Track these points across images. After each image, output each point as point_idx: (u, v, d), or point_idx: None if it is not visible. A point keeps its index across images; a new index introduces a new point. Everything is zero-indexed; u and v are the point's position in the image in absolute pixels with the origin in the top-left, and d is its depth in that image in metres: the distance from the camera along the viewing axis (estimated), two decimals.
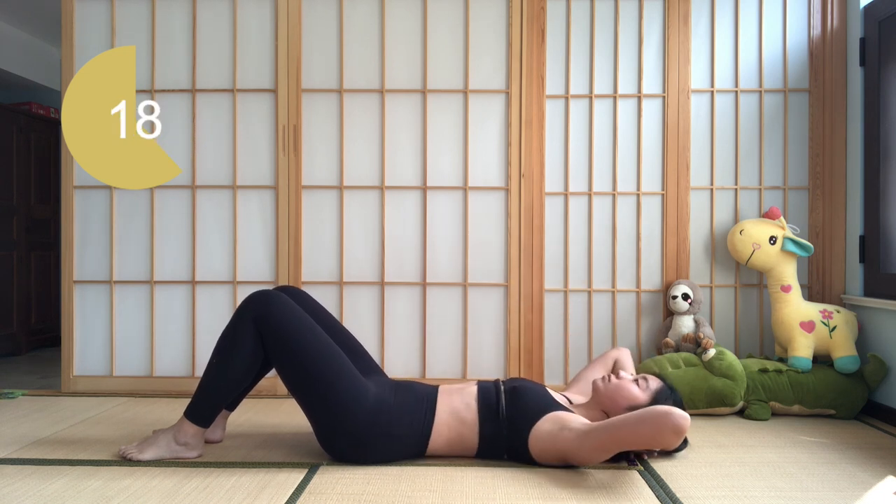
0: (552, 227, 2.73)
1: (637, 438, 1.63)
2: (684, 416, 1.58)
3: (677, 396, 1.88)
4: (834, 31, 2.67)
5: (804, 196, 2.71)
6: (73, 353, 2.73)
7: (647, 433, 1.61)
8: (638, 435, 1.62)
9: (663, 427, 1.59)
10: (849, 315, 2.46)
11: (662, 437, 1.60)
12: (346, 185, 2.73)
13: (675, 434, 1.59)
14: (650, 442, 1.63)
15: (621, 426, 1.64)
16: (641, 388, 1.84)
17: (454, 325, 2.72)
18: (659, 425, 1.59)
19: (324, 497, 1.57)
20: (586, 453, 1.68)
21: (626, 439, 1.64)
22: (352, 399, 1.74)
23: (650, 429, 1.60)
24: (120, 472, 1.74)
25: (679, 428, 1.58)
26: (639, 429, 1.61)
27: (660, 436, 1.60)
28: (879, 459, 1.90)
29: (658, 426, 1.59)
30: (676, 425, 1.57)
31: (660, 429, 1.59)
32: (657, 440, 1.62)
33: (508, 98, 2.71)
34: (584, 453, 1.68)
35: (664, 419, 1.59)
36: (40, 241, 4.03)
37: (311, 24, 2.73)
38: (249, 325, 1.77)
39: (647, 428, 1.61)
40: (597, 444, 1.66)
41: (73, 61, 2.72)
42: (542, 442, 1.73)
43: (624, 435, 1.63)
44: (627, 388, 1.83)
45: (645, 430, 1.61)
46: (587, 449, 1.67)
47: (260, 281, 2.72)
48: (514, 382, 1.89)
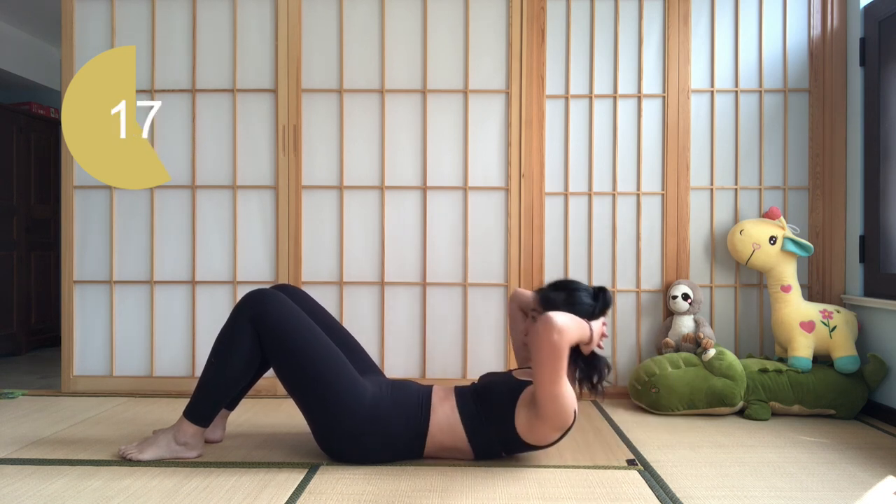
0: (552, 227, 2.73)
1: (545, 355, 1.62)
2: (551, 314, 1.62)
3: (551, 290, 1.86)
4: (834, 31, 2.67)
5: (804, 196, 2.71)
6: (73, 353, 2.73)
7: (544, 346, 1.61)
8: (542, 352, 1.62)
9: (543, 333, 1.61)
10: (849, 315, 2.46)
11: (550, 338, 1.60)
12: (346, 185, 2.73)
13: (553, 331, 1.60)
14: (550, 345, 1.61)
15: (535, 360, 1.64)
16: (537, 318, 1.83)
17: (454, 325, 2.72)
18: (542, 334, 1.61)
19: (324, 497, 1.57)
20: (548, 402, 1.66)
21: (543, 363, 1.63)
22: (350, 398, 1.74)
23: (542, 342, 1.61)
24: (120, 472, 1.74)
25: (549, 322, 1.60)
26: (539, 349, 1.62)
27: (548, 338, 1.60)
28: (879, 459, 1.90)
29: (542, 336, 1.61)
30: (548, 324, 1.60)
31: (544, 335, 1.61)
32: (550, 340, 1.61)
33: (508, 98, 2.71)
34: (547, 404, 1.66)
35: (541, 327, 1.61)
36: (40, 241, 4.03)
37: (311, 24, 2.73)
38: (247, 324, 1.77)
39: (541, 343, 1.61)
40: (541, 388, 1.64)
41: (73, 61, 2.72)
42: (528, 426, 1.72)
43: (540, 362, 1.63)
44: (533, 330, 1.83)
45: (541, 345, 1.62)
46: (544, 399, 1.65)
47: (260, 281, 2.72)
48: (482, 381, 1.90)
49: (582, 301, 1.79)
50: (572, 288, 1.83)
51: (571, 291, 1.81)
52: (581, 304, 1.79)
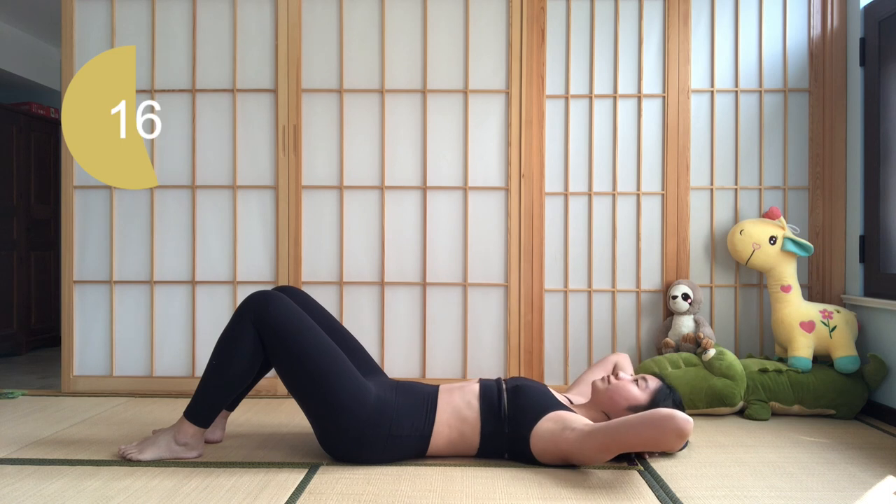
0: (552, 227, 2.73)
1: (639, 440, 1.63)
2: (687, 420, 1.58)
3: (676, 396, 1.88)
4: (834, 31, 2.67)
5: (804, 196, 2.71)
6: (73, 353, 2.73)
7: (650, 435, 1.61)
8: (640, 437, 1.62)
9: (666, 430, 1.59)
10: (849, 315, 2.46)
11: (665, 439, 1.60)
12: (346, 185, 2.73)
13: (677, 437, 1.59)
14: (652, 444, 1.64)
15: (624, 428, 1.64)
16: (641, 388, 1.84)
17: (454, 325, 2.72)
18: (662, 428, 1.59)
19: (324, 497, 1.57)
20: (588, 453, 1.68)
21: (628, 441, 1.64)
22: (352, 400, 1.74)
23: (653, 431, 1.60)
24: (120, 472, 1.73)
25: (682, 431, 1.58)
26: (641, 431, 1.62)
27: (662, 438, 1.60)
28: (879, 459, 1.90)
29: (661, 429, 1.59)
30: (679, 429, 1.58)
31: (662, 432, 1.59)
32: (659, 442, 1.62)
33: (508, 98, 2.71)
34: (585, 453, 1.68)
35: (667, 422, 1.59)
36: (40, 241, 4.03)
37: (311, 24, 2.73)
38: (249, 326, 1.77)
39: (650, 430, 1.61)
40: (599, 444, 1.65)
41: (73, 61, 2.72)
42: (544, 441, 1.73)
43: (626, 436, 1.63)
44: (626, 388, 1.84)
45: (647, 432, 1.61)
46: (589, 449, 1.67)
47: (260, 281, 2.72)
48: (516, 381, 1.89)
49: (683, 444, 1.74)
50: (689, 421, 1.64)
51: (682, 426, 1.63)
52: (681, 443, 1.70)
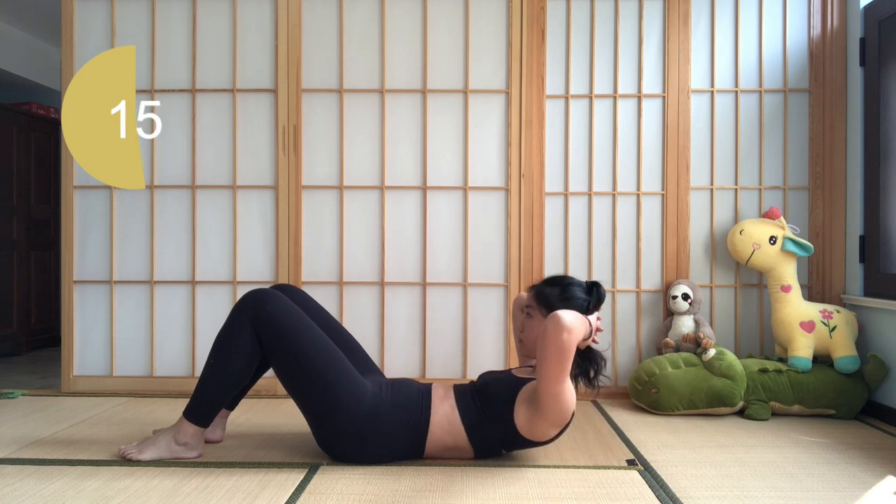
0: (552, 228, 2.73)
1: (553, 354, 1.61)
2: (560, 313, 1.61)
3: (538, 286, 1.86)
4: (834, 31, 2.67)
5: (804, 196, 2.71)
6: (73, 353, 2.73)
7: (552, 345, 1.60)
8: (549, 351, 1.61)
9: (552, 332, 1.60)
10: (849, 315, 2.46)
11: (559, 337, 1.59)
12: (346, 185, 2.73)
13: (558, 327, 1.59)
14: (558, 345, 1.60)
15: (540, 358, 1.64)
16: (533, 314, 1.85)
17: (454, 325, 2.72)
18: (550, 333, 1.60)
19: (324, 497, 1.57)
20: (550, 400, 1.65)
21: (550, 361, 1.62)
22: (350, 398, 1.74)
23: (550, 341, 1.60)
24: (120, 472, 1.74)
25: (559, 321, 1.59)
26: (546, 348, 1.61)
27: (557, 337, 1.59)
28: (879, 459, 1.90)
29: (551, 335, 1.60)
30: (558, 323, 1.59)
31: (553, 334, 1.60)
32: (555, 341, 1.60)
33: (508, 98, 2.71)
34: (549, 402, 1.66)
35: (550, 326, 1.60)
36: (40, 241, 4.03)
37: (311, 24, 2.73)
38: (246, 324, 1.77)
39: (549, 342, 1.60)
40: (545, 386, 1.64)
41: (73, 61, 2.72)
42: (529, 423, 1.72)
43: (547, 360, 1.62)
44: (530, 328, 1.85)
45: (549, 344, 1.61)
46: (546, 397, 1.65)
47: (260, 281, 2.72)
48: (481, 379, 1.90)
49: (576, 296, 1.80)
50: (566, 283, 1.83)
51: (565, 286, 1.82)
52: (575, 298, 1.79)
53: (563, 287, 1.82)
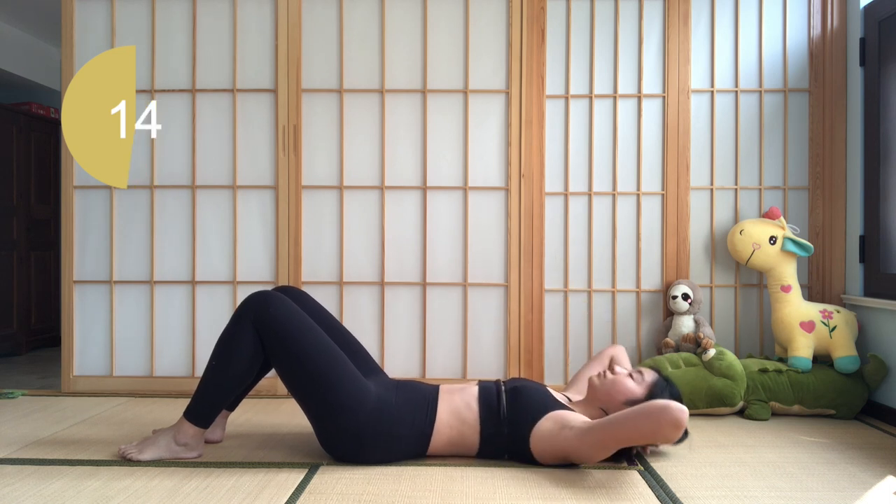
0: (552, 227, 2.73)
1: (636, 434, 1.63)
2: (682, 409, 1.58)
3: (674, 389, 1.88)
4: (834, 31, 2.67)
5: (804, 196, 2.71)
6: (73, 353, 2.73)
7: (646, 428, 1.61)
8: (637, 430, 1.62)
9: (662, 421, 1.58)
10: (849, 315, 2.46)
11: (661, 431, 1.60)
12: (346, 185, 2.73)
13: (674, 427, 1.58)
14: (649, 436, 1.63)
15: (620, 422, 1.64)
16: (637, 381, 1.84)
17: (454, 325, 2.72)
18: (657, 419, 1.59)
19: (324, 497, 1.57)
20: (587, 451, 1.68)
21: (625, 435, 1.64)
22: (353, 400, 1.74)
23: (649, 423, 1.60)
24: (120, 472, 1.73)
25: (677, 421, 1.57)
26: (638, 424, 1.61)
27: (659, 430, 1.60)
28: (879, 459, 1.90)
29: (657, 420, 1.59)
30: (675, 419, 1.57)
31: (658, 423, 1.59)
32: (656, 434, 1.62)
33: (508, 98, 2.71)
34: (584, 451, 1.68)
35: (662, 413, 1.58)
36: (40, 241, 4.03)
37: (311, 24, 2.73)
38: (248, 326, 1.77)
39: (646, 422, 1.60)
40: (597, 441, 1.65)
41: (73, 61, 2.72)
42: (543, 441, 1.73)
43: (623, 430, 1.63)
44: (623, 383, 1.83)
45: (644, 424, 1.61)
46: (587, 446, 1.67)
47: (260, 281, 2.72)
48: (514, 382, 1.89)
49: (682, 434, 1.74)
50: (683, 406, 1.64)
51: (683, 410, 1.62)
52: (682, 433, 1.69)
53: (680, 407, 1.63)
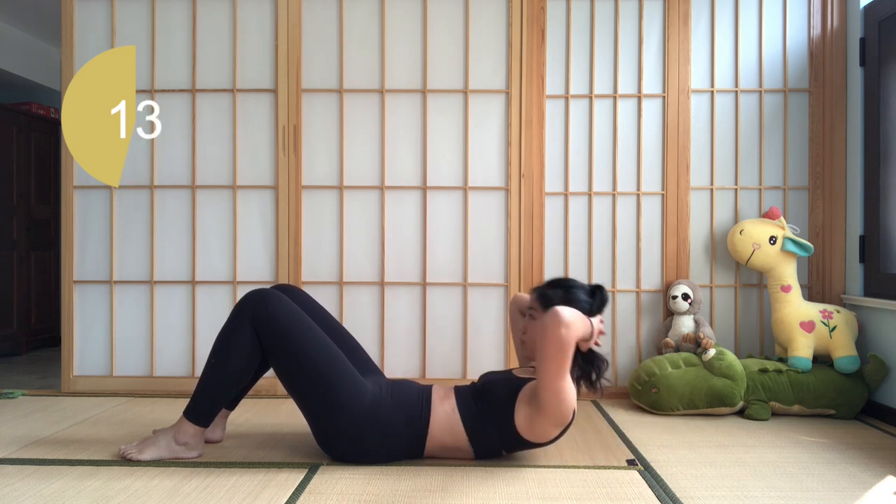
0: (552, 227, 2.73)
1: (551, 349, 1.62)
2: (559, 309, 1.62)
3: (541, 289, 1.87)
4: (834, 31, 2.67)
5: (804, 196, 2.71)
6: (73, 353, 2.73)
7: (551, 340, 1.61)
8: (549, 347, 1.62)
9: (547, 325, 1.61)
10: (849, 315, 2.46)
11: (555, 330, 1.60)
12: (346, 185, 2.73)
13: (561, 325, 1.60)
14: (555, 343, 1.61)
15: (540, 355, 1.64)
16: (536, 315, 1.85)
17: (454, 325, 2.72)
18: (549, 329, 1.61)
19: (324, 497, 1.57)
20: (550, 397, 1.66)
21: (550, 357, 1.62)
22: (350, 398, 1.74)
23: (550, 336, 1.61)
24: (120, 472, 1.74)
25: (557, 316, 1.60)
26: (546, 344, 1.62)
27: (555, 332, 1.60)
28: (879, 459, 1.90)
29: (550, 330, 1.61)
30: (556, 318, 1.60)
31: (552, 330, 1.61)
32: (555, 334, 1.61)
33: (508, 98, 2.71)
34: (549, 399, 1.66)
35: (549, 321, 1.61)
36: (40, 241, 4.03)
37: (311, 24, 2.73)
38: (247, 324, 1.77)
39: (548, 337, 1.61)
40: (545, 383, 1.64)
41: (73, 61, 2.72)
42: (530, 423, 1.72)
43: (546, 356, 1.63)
44: (533, 329, 1.85)
45: (548, 340, 1.61)
46: (547, 394, 1.65)
47: (260, 281, 2.72)
48: (482, 380, 1.90)
49: (579, 298, 1.79)
50: (569, 286, 1.83)
51: (568, 289, 1.82)
52: (578, 301, 1.79)
53: (565, 289, 1.82)
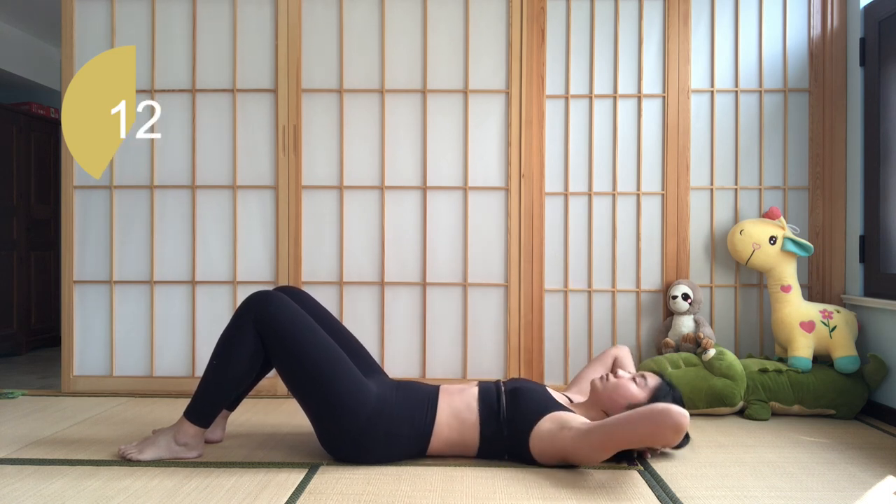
0: (552, 227, 2.73)
1: (636, 437, 1.63)
2: (683, 413, 1.58)
3: (677, 393, 1.88)
4: (834, 31, 2.67)
5: (804, 196, 2.71)
6: (73, 353, 2.73)
7: (647, 431, 1.61)
8: (637, 433, 1.62)
9: (662, 425, 1.58)
10: (849, 315, 2.46)
11: (662, 434, 1.60)
12: (346, 185, 2.73)
13: (674, 432, 1.58)
14: (649, 440, 1.63)
15: (621, 424, 1.63)
16: (640, 385, 1.84)
17: (454, 325, 2.72)
18: (658, 423, 1.59)
19: (324, 497, 1.57)
20: (586, 452, 1.68)
21: (625, 438, 1.64)
22: (353, 400, 1.74)
23: (649, 426, 1.60)
24: (120, 472, 1.74)
25: (678, 425, 1.57)
26: (638, 427, 1.61)
27: (659, 433, 1.60)
28: (879, 459, 1.90)
29: (657, 424, 1.59)
30: (676, 423, 1.57)
31: (659, 426, 1.59)
32: (657, 438, 1.62)
33: (508, 98, 2.71)
34: (584, 452, 1.68)
35: (663, 417, 1.58)
36: (40, 241, 4.03)
37: (311, 24, 2.73)
38: (249, 326, 1.77)
39: (647, 426, 1.60)
40: (597, 442, 1.65)
41: (73, 61, 2.72)
42: (543, 442, 1.73)
43: (623, 433, 1.63)
44: (625, 387, 1.83)
45: (644, 427, 1.61)
46: (587, 448, 1.67)
47: (260, 281, 2.72)
48: (514, 383, 1.89)
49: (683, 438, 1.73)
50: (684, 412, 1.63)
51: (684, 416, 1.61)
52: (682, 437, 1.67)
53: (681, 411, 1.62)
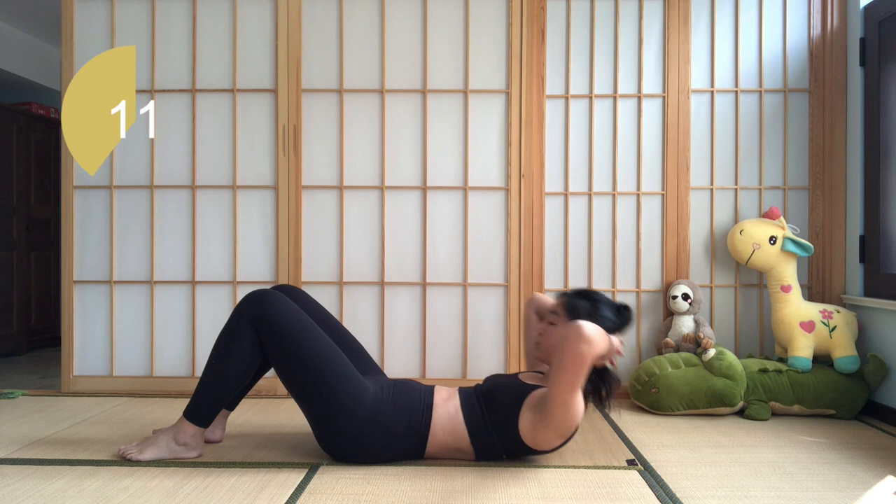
0: (552, 227, 2.73)
1: (566, 366, 1.60)
2: (577, 323, 1.59)
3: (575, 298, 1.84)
4: (834, 31, 2.67)
5: (804, 196, 2.71)
6: (73, 353, 2.73)
7: (568, 356, 1.59)
8: (564, 363, 1.60)
9: (569, 342, 1.58)
10: (849, 315, 2.46)
11: (576, 350, 1.58)
12: (346, 185, 2.73)
13: (581, 340, 1.57)
14: (576, 361, 1.59)
15: (554, 368, 1.63)
16: (558, 321, 1.84)
17: (454, 326, 2.72)
18: (566, 346, 1.59)
19: (324, 497, 1.57)
20: (558, 408, 1.65)
21: (563, 373, 1.61)
22: (351, 399, 1.74)
23: (566, 353, 1.59)
24: (120, 472, 1.74)
25: (578, 333, 1.57)
26: (562, 359, 1.60)
27: (574, 350, 1.58)
28: (879, 459, 1.90)
29: (567, 346, 1.59)
30: (576, 333, 1.57)
31: (569, 345, 1.58)
32: (578, 356, 1.59)
33: (508, 98, 2.71)
34: (557, 410, 1.65)
35: (566, 339, 1.59)
36: (40, 241, 4.03)
37: (311, 24, 2.73)
38: (247, 325, 1.77)
39: (564, 354, 1.59)
40: (556, 394, 1.63)
41: (73, 61, 2.72)
42: (533, 431, 1.72)
43: (559, 373, 1.61)
44: (551, 334, 1.84)
45: (564, 356, 1.60)
46: (555, 404, 1.64)
47: (260, 281, 2.72)
48: (487, 383, 1.89)
49: (605, 315, 1.78)
50: (596, 299, 1.82)
51: (595, 303, 1.80)
52: (603, 317, 1.77)
53: (592, 302, 1.80)
